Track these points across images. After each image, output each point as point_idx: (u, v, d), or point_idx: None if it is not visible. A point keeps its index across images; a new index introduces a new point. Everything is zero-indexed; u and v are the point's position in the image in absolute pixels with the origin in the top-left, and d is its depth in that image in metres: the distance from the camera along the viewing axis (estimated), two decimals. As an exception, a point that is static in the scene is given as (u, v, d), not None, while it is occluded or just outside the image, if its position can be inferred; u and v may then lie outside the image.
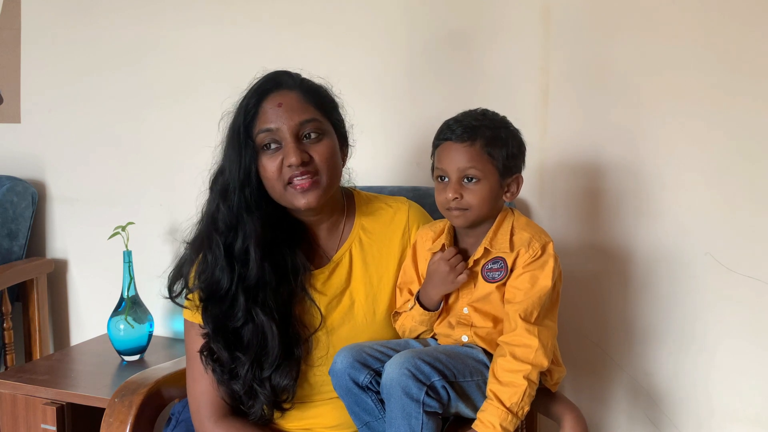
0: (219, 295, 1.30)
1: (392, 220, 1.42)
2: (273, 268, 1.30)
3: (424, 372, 1.17)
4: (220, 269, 1.29)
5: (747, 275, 1.62)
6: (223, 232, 1.30)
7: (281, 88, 1.30)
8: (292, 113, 1.27)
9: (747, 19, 1.57)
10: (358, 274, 1.38)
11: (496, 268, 1.25)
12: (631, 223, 1.70)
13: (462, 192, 1.24)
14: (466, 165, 1.23)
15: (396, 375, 1.16)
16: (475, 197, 1.24)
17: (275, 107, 1.28)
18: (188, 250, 1.36)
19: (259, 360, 1.29)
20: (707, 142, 1.63)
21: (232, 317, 1.30)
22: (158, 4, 2.13)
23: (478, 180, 1.24)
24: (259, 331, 1.29)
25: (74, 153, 2.30)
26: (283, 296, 1.31)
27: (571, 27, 1.71)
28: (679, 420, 1.72)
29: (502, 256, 1.26)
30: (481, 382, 1.23)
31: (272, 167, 1.27)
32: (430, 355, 1.20)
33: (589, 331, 1.77)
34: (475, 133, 1.24)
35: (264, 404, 1.31)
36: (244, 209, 1.29)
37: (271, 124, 1.27)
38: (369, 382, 1.24)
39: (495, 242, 1.27)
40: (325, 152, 1.29)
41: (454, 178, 1.24)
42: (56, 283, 2.36)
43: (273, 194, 1.30)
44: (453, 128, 1.25)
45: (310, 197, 1.28)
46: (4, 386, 1.85)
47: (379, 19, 1.89)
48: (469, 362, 1.24)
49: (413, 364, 1.16)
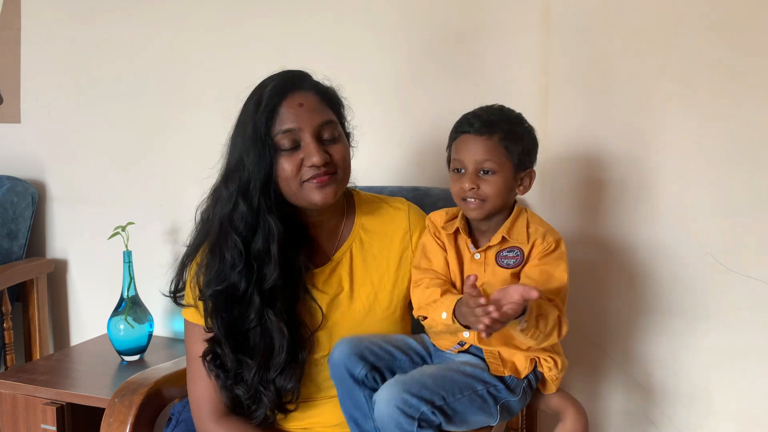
0: (234, 297, 1.29)
1: (392, 221, 1.42)
2: (282, 269, 1.30)
3: (412, 405, 1.18)
4: (239, 271, 1.28)
5: (747, 275, 1.62)
6: (241, 232, 1.28)
7: (300, 88, 1.30)
8: (312, 114, 1.28)
9: (747, 18, 1.57)
10: (359, 274, 1.38)
11: (512, 255, 1.27)
12: (631, 223, 1.70)
13: (478, 183, 1.27)
14: (483, 157, 1.26)
15: (387, 411, 1.19)
16: (490, 188, 1.27)
17: (296, 107, 1.27)
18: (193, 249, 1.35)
19: (267, 363, 1.29)
20: (707, 142, 1.63)
21: (244, 320, 1.29)
22: (158, 4, 2.13)
23: (494, 172, 1.27)
24: (269, 333, 1.28)
25: (74, 153, 2.30)
26: (288, 296, 1.31)
27: (571, 27, 1.71)
28: (679, 420, 1.72)
29: (519, 246, 1.28)
30: (473, 395, 1.24)
31: (291, 167, 1.27)
32: (416, 383, 1.21)
33: (589, 331, 1.77)
34: (493, 127, 1.27)
35: (268, 407, 1.31)
36: (265, 209, 1.28)
37: (292, 125, 1.27)
38: (364, 376, 1.26)
39: (513, 232, 1.29)
40: (343, 152, 1.31)
41: (471, 169, 1.27)
42: (56, 283, 2.36)
43: (288, 192, 1.29)
44: (471, 122, 1.28)
45: (328, 192, 1.28)
46: (4, 386, 1.85)
47: (379, 19, 1.89)
48: (458, 379, 1.25)
49: (401, 399, 1.18)
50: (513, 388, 1.28)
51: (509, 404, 1.28)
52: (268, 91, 1.28)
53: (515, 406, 1.30)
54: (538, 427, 1.74)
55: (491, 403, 1.26)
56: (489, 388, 1.26)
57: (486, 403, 1.25)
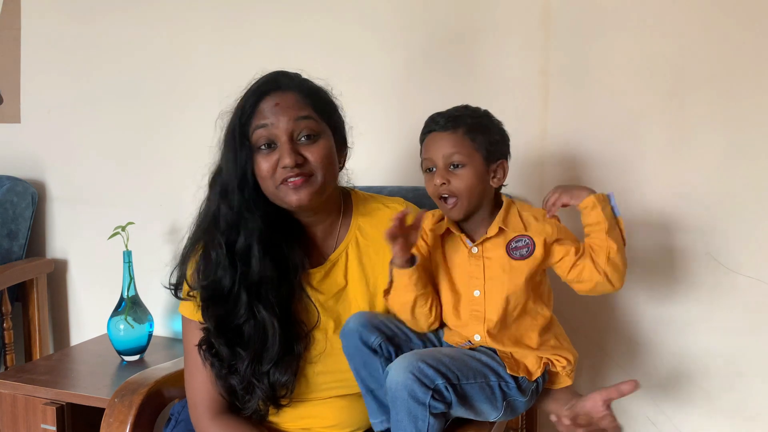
0: (222, 294, 1.31)
1: (389, 221, 1.41)
2: (274, 265, 1.31)
3: (429, 375, 1.17)
4: (222, 268, 1.30)
5: (747, 275, 1.62)
6: (224, 230, 1.31)
7: (279, 89, 1.30)
8: (288, 111, 1.28)
9: (747, 18, 1.57)
10: (355, 274, 1.38)
11: (522, 245, 1.27)
12: (631, 223, 1.70)
13: (449, 177, 1.27)
14: (450, 151, 1.27)
15: (401, 378, 1.17)
16: (461, 182, 1.27)
17: (272, 107, 1.29)
18: (189, 245, 1.37)
19: (259, 355, 1.30)
20: (707, 142, 1.63)
21: (234, 315, 1.31)
22: (158, 4, 2.13)
23: (463, 165, 1.27)
24: (260, 326, 1.30)
25: (74, 153, 2.30)
26: (283, 293, 1.32)
27: (571, 27, 1.71)
28: (679, 420, 1.72)
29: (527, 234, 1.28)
30: (484, 384, 1.24)
31: (267, 167, 1.28)
32: (433, 357, 1.21)
33: (589, 331, 1.77)
34: (457, 121, 1.29)
35: (260, 399, 1.32)
36: (244, 208, 1.30)
37: (266, 121, 1.28)
38: (379, 345, 1.27)
39: (508, 222, 1.29)
40: (320, 153, 1.29)
41: (441, 165, 1.28)
42: (56, 283, 2.36)
43: (266, 192, 1.31)
44: (436, 120, 1.31)
45: (303, 194, 1.28)
46: (4, 386, 1.85)
47: (378, 19, 1.89)
48: (473, 364, 1.25)
49: (417, 367, 1.17)
50: (524, 389, 1.28)
51: (515, 403, 1.28)
52: (249, 92, 1.31)
53: (520, 406, 1.29)
54: (538, 427, 1.74)
55: (499, 396, 1.25)
56: (501, 382, 1.26)
57: (494, 394, 1.25)
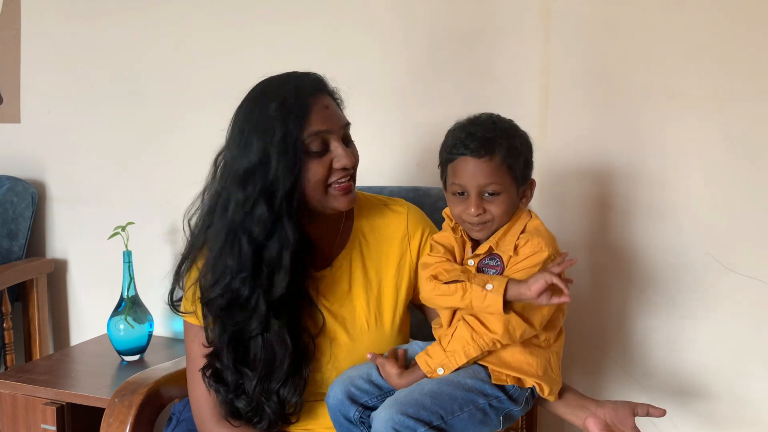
0: (238, 304, 1.25)
1: (391, 224, 1.41)
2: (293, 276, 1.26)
3: (409, 427, 1.15)
4: (243, 278, 1.23)
5: (747, 275, 1.62)
6: (256, 237, 1.23)
7: (322, 91, 1.29)
8: (338, 116, 1.28)
9: (748, 19, 1.57)
10: (358, 278, 1.37)
11: (492, 264, 1.25)
12: (631, 223, 1.70)
13: (484, 206, 1.23)
14: (487, 181, 1.22)
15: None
16: (497, 209, 1.23)
17: (323, 110, 1.26)
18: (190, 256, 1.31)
19: (268, 374, 1.26)
20: (707, 141, 1.63)
21: (246, 329, 1.26)
22: (158, 4, 2.13)
23: (499, 194, 1.23)
24: (270, 343, 1.26)
25: (74, 153, 2.30)
26: (293, 306, 1.28)
27: (571, 27, 1.71)
28: (679, 420, 1.72)
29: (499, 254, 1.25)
30: (474, 410, 1.21)
31: (323, 171, 1.25)
32: (413, 403, 1.17)
33: (589, 331, 1.77)
34: (492, 146, 1.21)
35: (270, 417, 1.28)
36: (285, 214, 1.23)
37: (322, 126, 1.24)
38: (359, 417, 1.26)
39: (502, 242, 1.25)
40: (357, 155, 1.31)
41: (474, 193, 1.23)
42: (56, 283, 2.36)
43: (313, 197, 1.26)
44: (467, 143, 1.22)
45: (352, 198, 1.29)
46: (4, 386, 1.85)
47: (379, 19, 1.89)
48: (458, 394, 1.21)
49: (398, 421, 1.15)
50: (516, 398, 1.25)
51: (511, 413, 1.26)
52: (292, 92, 1.24)
53: (517, 414, 1.27)
54: (537, 427, 1.74)
55: (492, 414, 1.23)
56: (491, 401, 1.22)
57: (487, 415, 1.22)
